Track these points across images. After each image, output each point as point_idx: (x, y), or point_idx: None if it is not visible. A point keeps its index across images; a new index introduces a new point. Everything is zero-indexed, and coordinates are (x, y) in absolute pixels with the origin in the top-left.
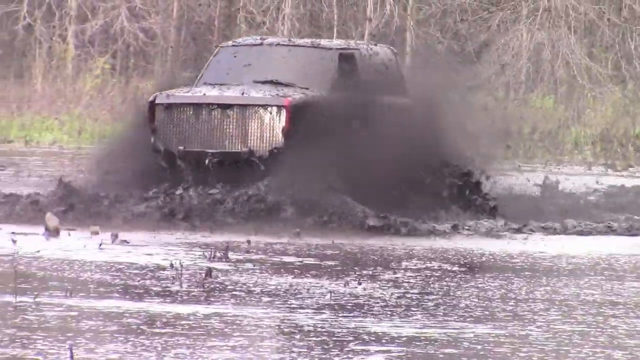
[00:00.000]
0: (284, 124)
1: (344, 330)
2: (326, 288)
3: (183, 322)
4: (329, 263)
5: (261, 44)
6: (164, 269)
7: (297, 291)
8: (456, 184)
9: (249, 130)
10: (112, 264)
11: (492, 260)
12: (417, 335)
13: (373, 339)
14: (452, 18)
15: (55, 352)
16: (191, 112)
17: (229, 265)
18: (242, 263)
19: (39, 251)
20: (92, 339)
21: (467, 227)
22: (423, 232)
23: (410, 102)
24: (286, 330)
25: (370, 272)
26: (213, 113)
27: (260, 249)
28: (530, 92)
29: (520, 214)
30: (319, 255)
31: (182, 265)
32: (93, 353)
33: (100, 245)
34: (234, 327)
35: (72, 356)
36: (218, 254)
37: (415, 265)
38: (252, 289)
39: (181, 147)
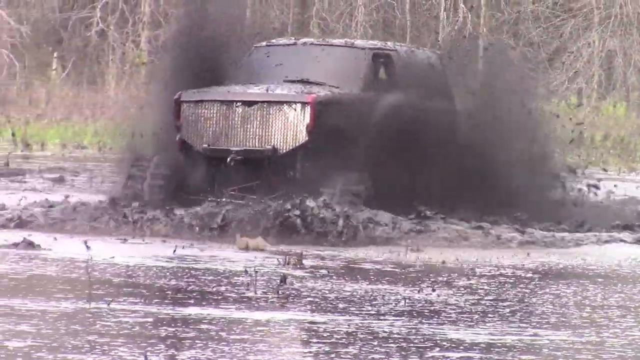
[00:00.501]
0: (308, 121)
1: (422, 337)
2: (401, 295)
3: (261, 328)
4: (403, 270)
5: (295, 44)
6: (238, 275)
7: (372, 297)
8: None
9: (273, 128)
10: (186, 270)
11: (568, 267)
12: (494, 341)
13: (452, 345)
14: (524, 25)
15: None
16: (216, 109)
17: (304, 272)
18: (317, 269)
19: (113, 257)
20: (171, 345)
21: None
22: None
23: (455, 106)
24: (364, 336)
25: (445, 279)
26: (237, 110)
27: (333, 257)
28: (602, 99)
29: (601, 222)
30: (394, 263)
31: (256, 272)
32: None
33: (174, 251)
34: (312, 333)
35: None
36: (292, 261)
37: (489, 272)
38: (328, 295)
39: (206, 145)
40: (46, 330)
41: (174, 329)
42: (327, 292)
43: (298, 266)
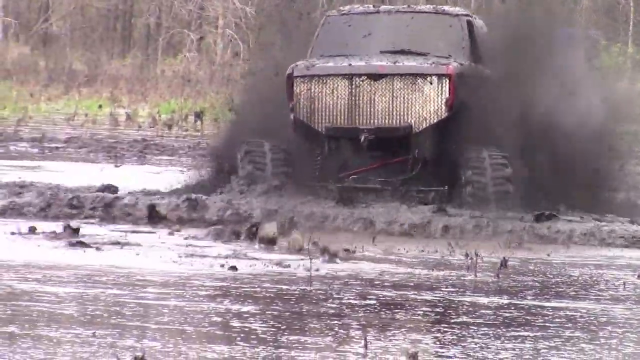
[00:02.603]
0: (447, 95)
1: None
2: (621, 279)
3: (484, 311)
4: (628, 254)
5: (378, 12)
6: (459, 258)
7: (595, 282)
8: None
9: (407, 103)
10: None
11: None
12: None
13: None
14: None
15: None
16: (337, 85)
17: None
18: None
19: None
20: (387, 328)
21: None
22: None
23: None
24: (598, 321)
25: None
26: (363, 85)
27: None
28: None
29: None
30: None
31: (477, 255)
32: (389, 341)
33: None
34: (536, 317)
35: (366, 345)
36: (513, 244)
37: None
38: (549, 279)
39: (328, 124)
40: None
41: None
42: (550, 276)
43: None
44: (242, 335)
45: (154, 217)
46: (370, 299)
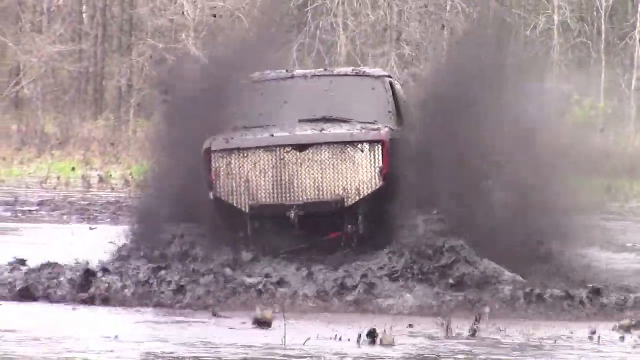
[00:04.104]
0: (380, 164)
1: None
2: None
3: None
4: None
5: (292, 77)
6: None
7: None
8: None
9: (337, 174)
10: None
11: None
12: None
13: None
14: None
15: None
16: (260, 158)
17: None
18: None
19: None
20: None
21: None
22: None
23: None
24: None
25: None
26: (288, 156)
27: None
28: None
29: None
30: None
31: None
32: None
33: None
34: None
35: None
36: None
37: None
38: None
39: (252, 202)
40: None
41: None
42: None
43: None
44: None
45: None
46: None
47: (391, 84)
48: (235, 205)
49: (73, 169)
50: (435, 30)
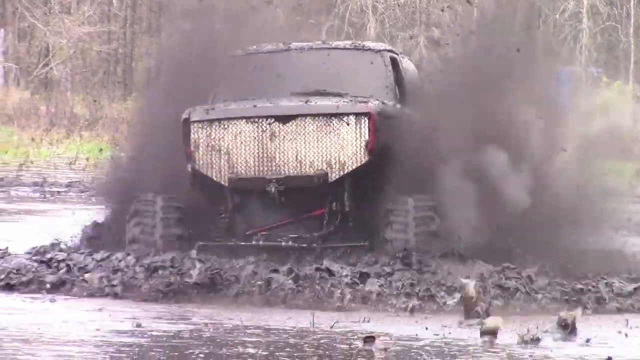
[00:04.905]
0: (367, 137)
1: None
2: None
3: None
4: None
5: (288, 50)
6: None
7: None
8: None
9: (321, 148)
10: None
11: None
12: None
13: None
14: None
15: None
16: (241, 129)
17: None
18: None
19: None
20: None
21: None
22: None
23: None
24: None
25: None
26: (271, 128)
27: None
28: None
29: None
30: None
31: None
32: None
33: None
34: None
35: None
36: None
37: None
38: None
39: (232, 175)
40: None
41: None
42: None
43: None
44: None
45: None
46: None
47: (394, 60)
48: (214, 178)
49: (101, 150)
50: (463, 13)
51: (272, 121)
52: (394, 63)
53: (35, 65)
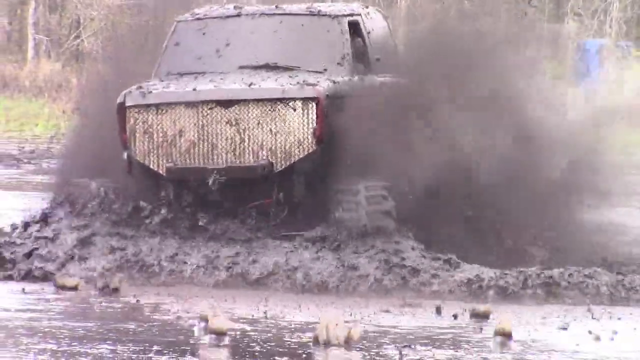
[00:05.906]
0: (314, 125)
1: None
2: None
3: None
4: None
5: (239, 15)
6: None
7: None
8: None
9: (266, 136)
10: None
11: None
12: None
13: None
14: None
15: None
16: (180, 115)
17: None
18: None
19: None
20: None
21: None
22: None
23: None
24: None
25: None
26: (212, 114)
27: None
28: None
29: None
30: None
31: None
32: None
33: None
34: None
35: None
36: None
37: None
38: None
39: (170, 164)
40: None
41: None
42: None
43: None
44: None
45: None
46: None
47: (355, 24)
48: (151, 167)
49: None
50: None
51: (213, 106)
52: (355, 28)
53: (67, 37)
